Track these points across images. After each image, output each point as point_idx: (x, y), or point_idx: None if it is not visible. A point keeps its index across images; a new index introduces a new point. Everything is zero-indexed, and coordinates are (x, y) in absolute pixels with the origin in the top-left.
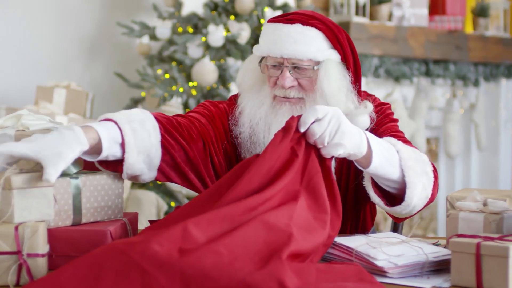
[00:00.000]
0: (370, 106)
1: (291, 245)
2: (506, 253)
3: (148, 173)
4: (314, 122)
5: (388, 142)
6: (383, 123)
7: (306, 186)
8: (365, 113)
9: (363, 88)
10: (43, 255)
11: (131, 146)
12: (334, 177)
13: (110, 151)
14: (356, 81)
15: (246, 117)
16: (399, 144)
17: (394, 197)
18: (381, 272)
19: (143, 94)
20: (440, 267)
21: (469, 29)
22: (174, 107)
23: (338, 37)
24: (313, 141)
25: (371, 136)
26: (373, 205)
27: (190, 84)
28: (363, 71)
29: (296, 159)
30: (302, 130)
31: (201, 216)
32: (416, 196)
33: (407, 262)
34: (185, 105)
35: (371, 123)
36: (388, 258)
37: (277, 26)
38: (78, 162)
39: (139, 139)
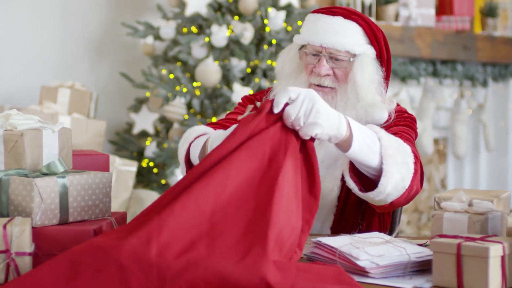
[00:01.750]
0: (394, 103)
1: (270, 232)
2: (486, 254)
3: None
4: (288, 104)
5: (371, 130)
6: (397, 124)
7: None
8: (385, 109)
9: None
10: (30, 254)
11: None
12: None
13: None
14: (387, 78)
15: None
16: (382, 132)
17: (371, 182)
18: (363, 272)
19: (147, 94)
20: (423, 268)
21: (478, 29)
22: (177, 107)
23: (376, 35)
24: (290, 123)
25: (353, 122)
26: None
27: (194, 84)
28: None
29: (268, 140)
30: (275, 111)
31: (175, 205)
32: (391, 185)
33: (389, 262)
34: (189, 105)
35: (387, 121)
36: (370, 258)
37: (319, 17)
38: (65, 161)
39: None
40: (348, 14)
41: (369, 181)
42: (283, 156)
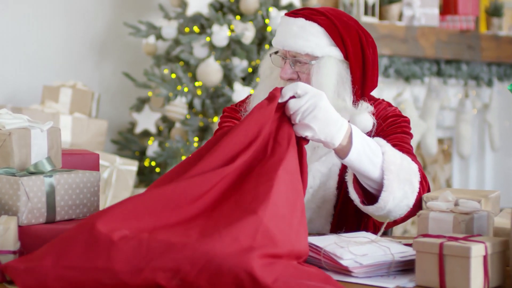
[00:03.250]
0: (366, 106)
1: (261, 229)
2: (468, 254)
3: None
4: (294, 97)
5: (377, 143)
6: (395, 132)
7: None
8: (362, 113)
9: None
10: (14, 252)
11: None
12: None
13: None
14: (364, 81)
15: (251, 103)
16: (387, 146)
17: (374, 198)
18: (346, 271)
19: (150, 94)
20: (408, 267)
21: (483, 29)
22: (178, 106)
23: (342, 35)
24: (288, 115)
25: (357, 132)
26: None
27: (196, 84)
28: None
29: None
30: (280, 100)
31: (172, 186)
32: (393, 201)
33: (373, 261)
34: (190, 105)
35: (375, 124)
36: (354, 258)
37: (284, 20)
38: (54, 161)
39: None
40: (310, 15)
41: (372, 197)
42: (285, 147)
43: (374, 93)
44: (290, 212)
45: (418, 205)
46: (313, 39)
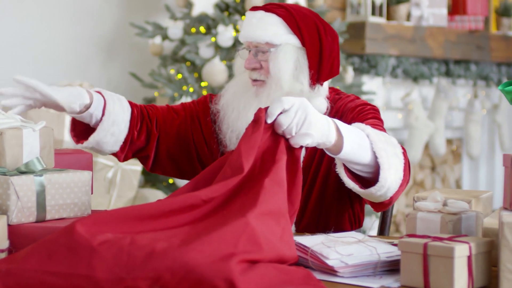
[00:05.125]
0: (322, 90)
1: (246, 238)
2: (451, 254)
3: (111, 146)
4: (281, 113)
5: (357, 128)
6: (366, 119)
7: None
8: (317, 96)
9: (380, 88)
10: (2, 251)
11: (110, 113)
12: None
13: (94, 111)
14: (320, 66)
15: (223, 97)
16: (368, 128)
17: (368, 181)
18: (332, 271)
19: (156, 94)
20: (394, 267)
21: (494, 30)
22: None
23: (299, 23)
24: (281, 131)
25: (341, 124)
26: (356, 202)
27: (202, 84)
28: (379, 71)
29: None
30: (269, 121)
31: (160, 204)
32: (390, 177)
33: (358, 261)
34: None
35: (328, 107)
36: (340, 258)
37: (247, 14)
38: (43, 160)
39: (116, 111)
40: (269, 7)
41: (363, 180)
42: (271, 162)
43: (380, 90)
44: (276, 221)
45: (406, 176)
46: (271, 28)
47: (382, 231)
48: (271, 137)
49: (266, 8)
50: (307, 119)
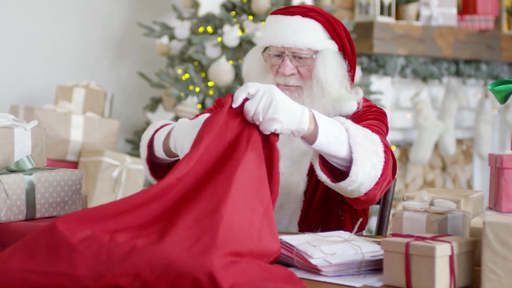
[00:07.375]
0: (360, 93)
1: (222, 224)
2: (433, 253)
3: None
4: (248, 99)
5: (338, 121)
6: (367, 119)
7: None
8: (353, 99)
9: (389, 88)
10: None
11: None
12: (280, 153)
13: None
14: (352, 69)
15: None
16: (348, 122)
17: (344, 174)
18: (316, 270)
19: (163, 94)
20: (379, 267)
21: (506, 29)
22: (189, 106)
23: (336, 29)
24: (250, 118)
25: (318, 114)
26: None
27: (208, 84)
28: (387, 71)
29: (230, 135)
30: (234, 105)
31: (143, 191)
32: (363, 173)
33: (342, 260)
34: (202, 104)
35: (356, 111)
36: (324, 257)
37: (278, 18)
38: (35, 159)
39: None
40: (305, 12)
41: (341, 173)
42: (244, 149)
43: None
44: (250, 212)
45: (386, 175)
46: (312, 34)
47: (380, 231)
48: (241, 124)
49: (302, 13)
50: (273, 103)
